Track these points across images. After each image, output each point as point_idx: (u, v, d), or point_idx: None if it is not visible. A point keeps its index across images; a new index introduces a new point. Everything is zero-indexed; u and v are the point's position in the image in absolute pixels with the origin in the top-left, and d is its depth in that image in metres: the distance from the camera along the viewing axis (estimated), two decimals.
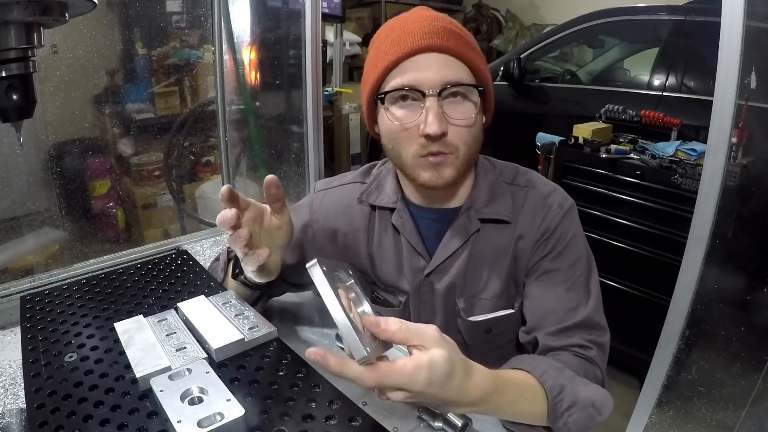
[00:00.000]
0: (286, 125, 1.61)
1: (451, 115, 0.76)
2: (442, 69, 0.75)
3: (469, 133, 0.78)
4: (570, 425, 0.70)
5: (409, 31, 0.76)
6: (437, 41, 0.75)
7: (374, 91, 0.81)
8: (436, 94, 0.74)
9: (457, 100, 0.77)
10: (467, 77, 0.77)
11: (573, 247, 0.83)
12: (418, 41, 0.75)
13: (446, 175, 0.79)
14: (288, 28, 1.49)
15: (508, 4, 5.12)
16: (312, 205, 0.97)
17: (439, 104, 0.75)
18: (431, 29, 0.75)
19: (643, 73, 2.62)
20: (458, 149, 0.78)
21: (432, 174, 0.79)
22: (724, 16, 0.69)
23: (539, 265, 0.83)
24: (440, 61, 0.75)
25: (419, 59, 0.75)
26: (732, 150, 0.74)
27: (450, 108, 0.76)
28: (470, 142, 0.79)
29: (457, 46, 0.76)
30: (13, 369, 0.90)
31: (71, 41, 1.45)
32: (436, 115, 0.74)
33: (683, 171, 1.90)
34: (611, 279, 2.12)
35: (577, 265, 0.82)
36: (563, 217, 0.83)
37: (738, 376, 0.84)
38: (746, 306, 0.86)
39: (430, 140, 0.76)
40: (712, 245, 0.76)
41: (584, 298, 0.81)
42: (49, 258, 1.47)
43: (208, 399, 0.62)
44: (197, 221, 1.88)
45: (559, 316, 0.80)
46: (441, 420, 0.70)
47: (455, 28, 0.78)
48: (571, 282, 0.81)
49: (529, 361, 0.75)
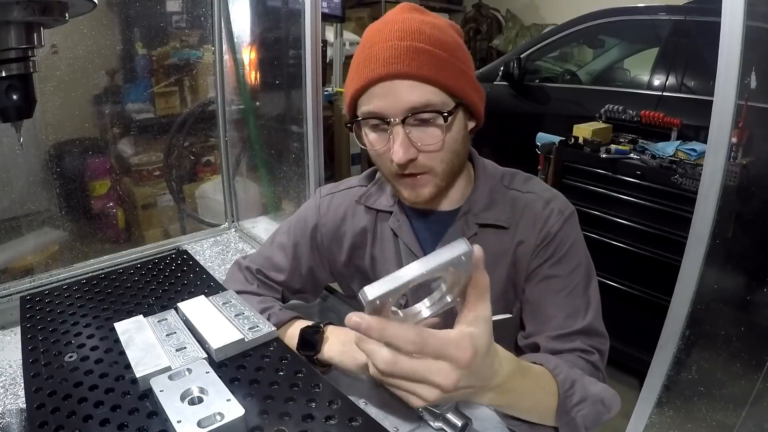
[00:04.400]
0: (286, 125, 1.60)
1: (419, 141, 0.75)
2: (407, 95, 0.72)
3: (445, 152, 0.77)
4: (578, 420, 0.69)
5: (373, 56, 0.73)
6: (398, 68, 0.71)
7: (350, 112, 0.82)
8: (399, 122, 0.73)
9: (425, 124, 0.75)
10: (437, 98, 0.73)
11: (573, 254, 0.82)
12: (380, 68, 0.72)
13: (425, 194, 0.80)
14: (288, 28, 1.49)
15: (508, 4, 5.13)
16: (319, 209, 0.97)
17: (404, 131, 0.74)
18: (394, 53, 0.72)
19: (643, 73, 2.62)
20: (433, 168, 0.78)
21: (410, 192, 0.80)
22: (724, 16, 0.69)
23: (539, 270, 0.83)
24: (404, 86, 0.72)
25: (383, 86, 0.73)
26: (732, 150, 0.74)
27: (417, 133, 0.75)
28: (448, 159, 0.78)
29: (420, 70, 0.71)
30: (13, 369, 0.90)
31: (71, 41, 1.45)
32: (401, 144, 0.73)
33: (683, 171, 1.89)
34: (611, 279, 2.12)
35: (576, 271, 0.82)
36: (564, 224, 0.83)
37: (738, 376, 0.84)
38: (746, 306, 0.86)
39: (400, 166, 0.76)
40: (712, 245, 0.76)
41: (584, 306, 0.80)
42: (49, 258, 1.47)
43: (208, 399, 0.62)
44: (197, 221, 1.88)
45: (558, 322, 0.79)
46: (441, 420, 0.71)
47: (425, 45, 0.73)
48: (570, 288, 0.81)
49: (540, 356, 0.75)
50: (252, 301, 0.91)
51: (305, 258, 0.97)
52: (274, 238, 1.01)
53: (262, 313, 0.88)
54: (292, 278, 0.97)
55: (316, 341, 0.81)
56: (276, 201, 1.75)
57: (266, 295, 0.96)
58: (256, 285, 0.97)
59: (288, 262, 0.97)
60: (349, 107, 0.82)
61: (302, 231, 0.97)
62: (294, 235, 0.97)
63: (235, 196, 1.68)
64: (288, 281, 0.97)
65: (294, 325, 0.89)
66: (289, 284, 0.98)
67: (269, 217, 1.73)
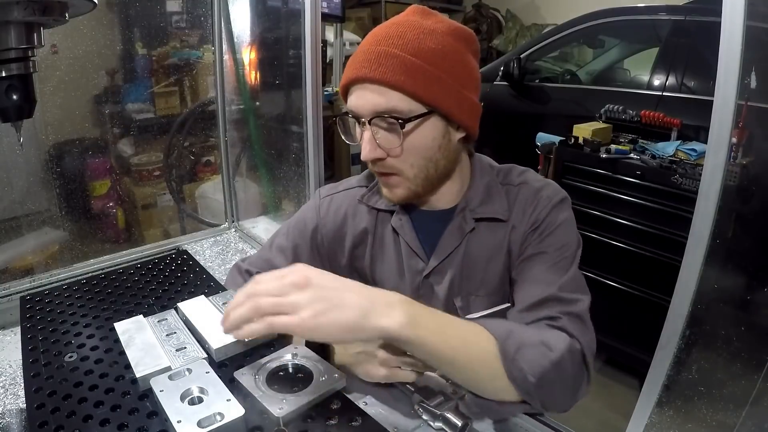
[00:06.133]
0: (286, 125, 1.60)
1: (382, 144, 0.78)
2: (372, 98, 0.76)
3: (415, 156, 0.79)
4: (523, 365, 0.68)
5: (355, 57, 0.79)
6: (365, 72, 0.75)
7: None
8: (366, 122, 0.77)
9: (387, 128, 0.77)
10: (402, 104, 0.75)
11: (559, 234, 0.82)
12: (355, 71, 0.77)
13: (398, 194, 0.83)
14: (288, 28, 1.49)
15: (508, 4, 5.12)
16: (320, 210, 0.97)
17: (370, 132, 0.77)
18: (366, 57, 0.76)
19: (643, 73, 2.62)
20: (402, 171, 0.80)
21: (386, 191, 0.85)
22: (724, 16, 0.69)
23: (525, 250, 0.84)
24: (372, 89, 0.76)
25: (357, 87, 0.78)
26: (732, 150, 0.74)
27: (383, 135, 0.78)
28: (420, 164, 0.80)
29: (384, 75, 0.73)
30: (13, 369, 0.90)
31: (71, 41, 1.45)
32: (368, 142, 0.77)
33: (683, 171, 1.90)
34: (611, 279, 2.12)
35: (561, 250, 0.81)
36: (552, 209, 0.83)
37: (738, 376, 0.84)
38: (746, 306, 0.86)
39: (371, 163, 0.81)
40: (712, 245, 0.76)
41: (559, 277, 0.79)
42: (49, 258, 1.47)
43: (208, 399, 0.62)
44: (197, 221, 1.88)
45: (532, 292, 0.79)
46: (441, 420, 0.71)
47: (399, 51, 0.74)
48: (551, 263, 0.80)
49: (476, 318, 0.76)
50: None
51: (305, 260, 0.97)
52: (274, 240, 1.01)
53: None
54: None
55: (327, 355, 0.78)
56: (276, 201, 1.75)
57: None
58: None
59: (287, 264, 0.96)
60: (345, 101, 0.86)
61: (302, 233, 0.97)
62: (293, 237, 0.97)
63: (235, 196, 1.68)
64: None
65: None
66: None
67: (269, 217, 1.73)
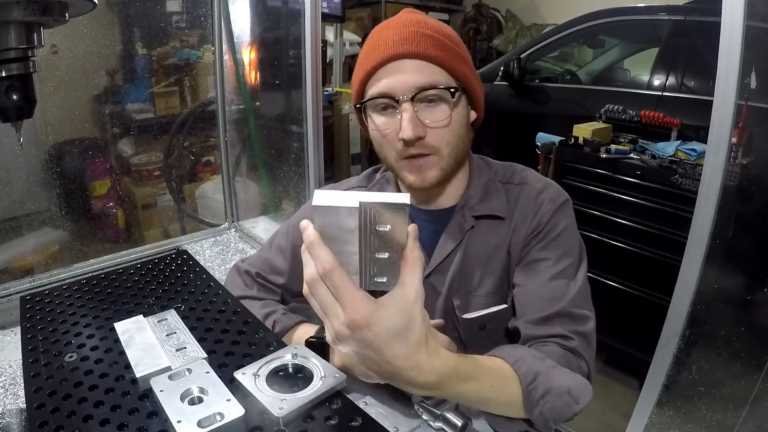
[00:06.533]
0: (286, 125, 1.60)
1: (427, 119, 0.77)
2: (414, 74, 0.76)
3: (451, 132, 0.79)
4: (546, 413, 0.68)
5: (382, 40, 0.78)
6: (407, 48, 0.76)
7: (357, 100, 0.85)
8: (409, 99, 0.76)
9: (433, 103, 0.78)
10: (443, 79, 0.78)
11: (563, 240, 0.83)
12: (390, 49, 0.77)
13: (430, 177, 0.81)
14: (288, 28, 1.49)
15: (508, 4, 5.12)
16: None
17: (413, 109, 0.76)
18: (402, 36, 0.77)
19: (643, 73, 2.62)
20: (440, 150, 0.80)
21: (416, 177, 0.82)
22: (724, 16, 0.69)
23: (527, 254, 0.84)
24: (412, 66, 0.76)
25: (392, 66, 0.77)
26: (732, 150, 0.74)
27: (426, 111, 0.78)
28: (454, 142, 0.80)
29: (427, 50, 0.76)
30: (13, 369, 0.90)
31: (71, 41, 1.45)
32: (410, 120, 0.76)
33: (683, 171, 1.89)
34: (611, 279, 2.12)
35: (565, 257, 0.82)
36: (555, 212, 0.84)
37: (738, 376, 0.84)
38: (746, 306, 0.86)
39: (408, 144, 0.78)
40: (712, 245, 0.76)
41: (568, 289, 0.80)
42: (49, 258, 1.47)
43: (208, 399, 0.62)
44: (197, 221, 1.88)
45: (541, 304, 0.79)
46: (441, 420, 0.71)
47: (429, 31, 0.78)
48: (556, 272, 0.80)
49: (508, 349, 0.74)
50: (254, 307, 0.91)
51: None
52: (273, 240, 1.01)
53: (265, 319, 0.88)
54: (291, 281, 0.97)
55: (326, 356, 0.78)
56: (276, 201, 1.75)
57: (267, 298, 0.95)
58: (256, 289, 0.96)
59: (287, 265, 0.96)
60: (357, 94, 0.85)
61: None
62: (293, 238, 0.97)
63: (235, 196, 1.68)
64: (287, 284, 0.97)
65: (299, 330, 0.89)
66: (288, 287, 0.97)
67: (269, 217, 1.73)
